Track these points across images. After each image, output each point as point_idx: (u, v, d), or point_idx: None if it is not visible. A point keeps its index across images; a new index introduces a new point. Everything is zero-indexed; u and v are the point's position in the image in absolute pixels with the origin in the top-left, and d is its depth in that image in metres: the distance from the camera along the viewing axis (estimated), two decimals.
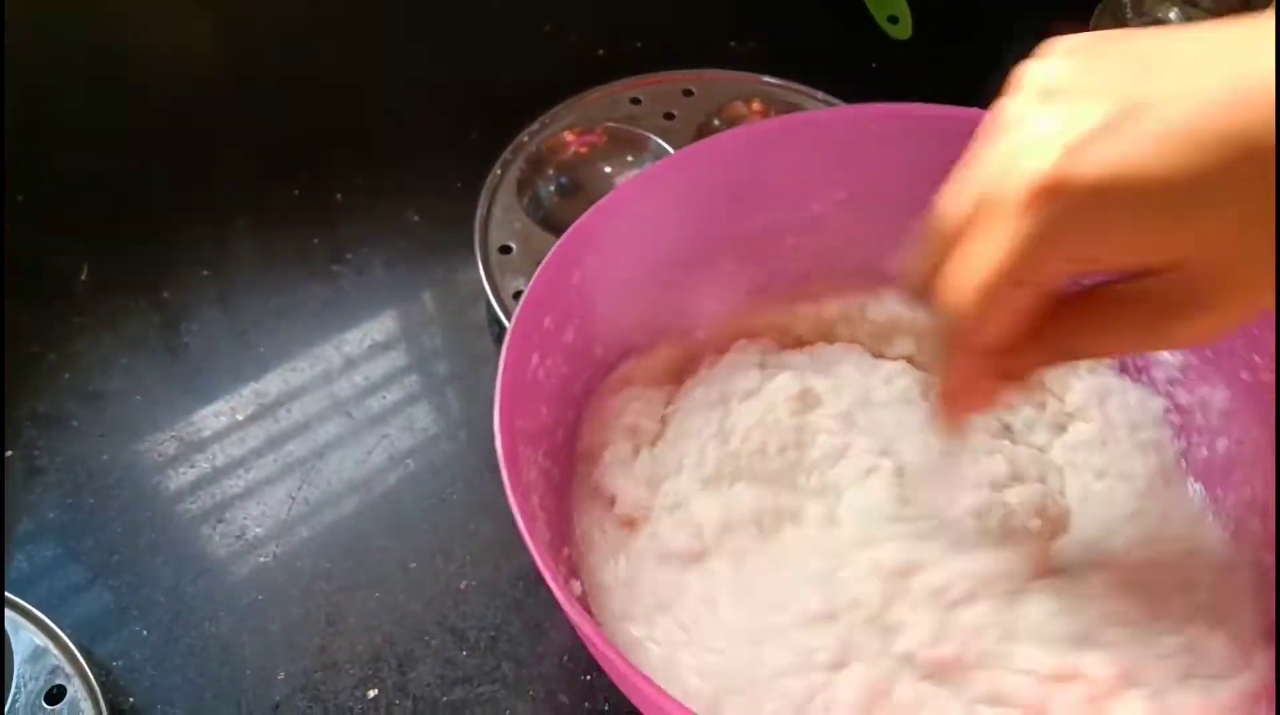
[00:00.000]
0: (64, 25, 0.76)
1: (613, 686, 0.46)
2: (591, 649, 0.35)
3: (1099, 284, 0.30)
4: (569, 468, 0.47)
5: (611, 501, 0.46)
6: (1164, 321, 0.28)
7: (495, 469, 0.53)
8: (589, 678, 0.46)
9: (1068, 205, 0.26)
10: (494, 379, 0.57)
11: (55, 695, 0.43)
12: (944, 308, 0.31)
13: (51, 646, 0.44)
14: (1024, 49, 0.35)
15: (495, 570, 0.50)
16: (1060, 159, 0.26)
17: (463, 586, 0.49)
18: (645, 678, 0.31)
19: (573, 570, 0.44)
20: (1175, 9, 0.77)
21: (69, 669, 0.44)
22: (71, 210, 0.64)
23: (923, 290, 0.32)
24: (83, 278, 0.61)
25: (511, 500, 0.36)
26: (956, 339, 0.32)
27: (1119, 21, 0.76)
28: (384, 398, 0.56)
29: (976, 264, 0.29)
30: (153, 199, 0.65)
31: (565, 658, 0.47)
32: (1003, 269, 0.28)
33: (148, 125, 0.70)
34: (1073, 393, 0.48)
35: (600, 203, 0.44)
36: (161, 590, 0.49)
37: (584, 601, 0.42)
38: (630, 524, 0.46)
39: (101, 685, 0.44)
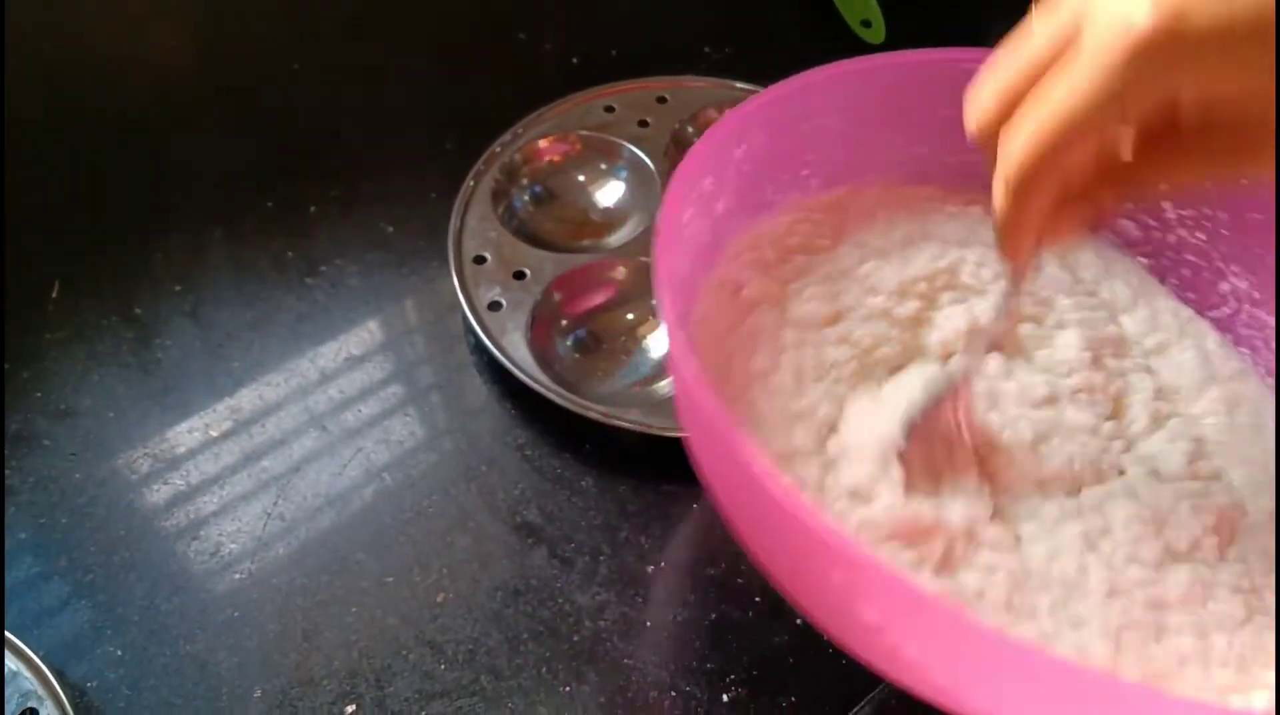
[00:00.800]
0: (32, 39, 0.75)
1: (592, 698, 0.46)
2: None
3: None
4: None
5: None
6: (1227, 154, 0.32)
7: (472, 480, 0.53)
8: (568, 689, 0.46)
9: (1172, 53, 0.28)
10: (471, 389, 0.57)
11: None
12: (1029, 141, 0.31)
13: (24, 669, 0.44)
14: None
15: (473, 583, 0.50)
16: (1162, 9, 0.27)
17: (440, 600, 0.49)
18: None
19: None
20: None
21: (41, 691, 0.43)
22: (42, 225, 0.64)
23: (995, 122, 0.33)
24: (54, 294, 0.60)
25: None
26: (1035, 172, 0.32)
27: None
28: (359, 411, 0.56)
29: (1066, 100, 0.30)
30: (124, 213, 0.65)
31: (544, 669, 0.47)
32: (1097, 103, 0.29)
33: (119, 138, 0.69)
34: None
35: (774, 88, 0.43)
36: (136, 609, 0.48)
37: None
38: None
39: (75, 707, 0.44)
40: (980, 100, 0.33)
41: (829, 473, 0.40)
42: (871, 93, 0.45)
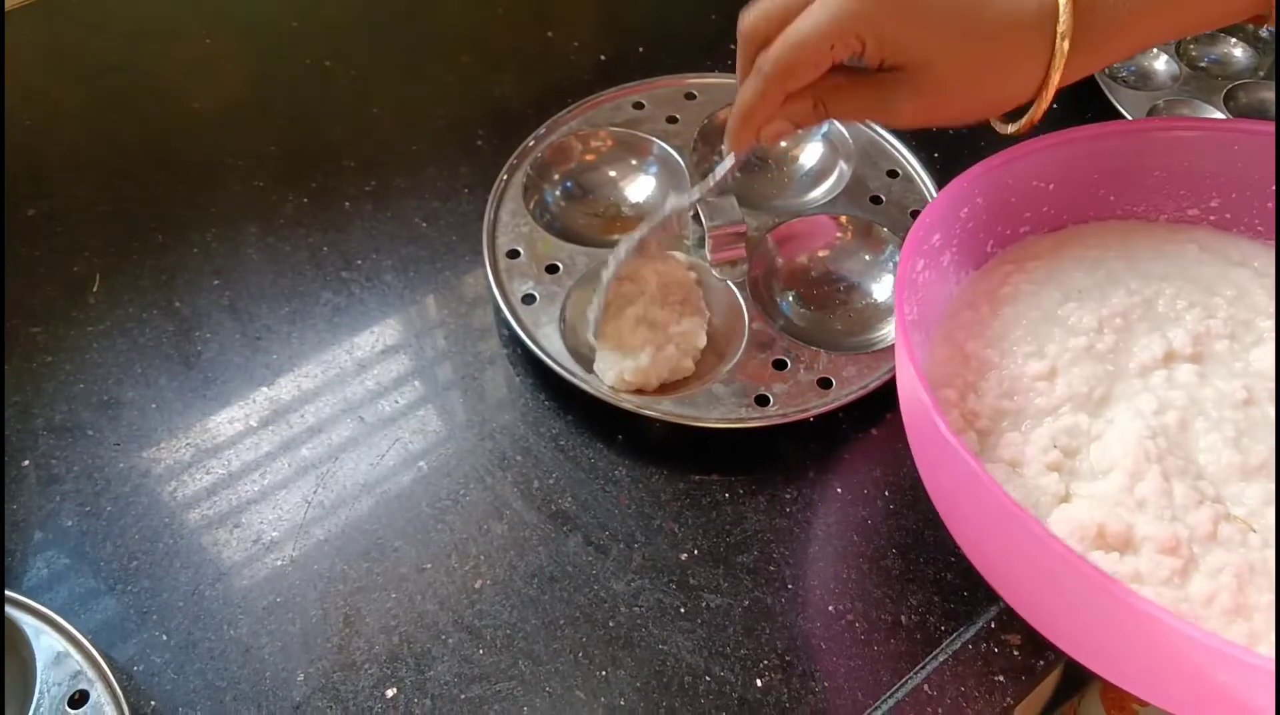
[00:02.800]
0: (71, 38, 0.76)
1: (628, 683, 0.46)
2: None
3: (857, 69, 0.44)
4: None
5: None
6: (890, 99, 0.44)
7: (507, 469, 0.54)
8: (604, 673, 0.47)
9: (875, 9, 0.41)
10: (506, 381, 0.58)
11: (78, 700, 0.44)
12: (784, 50, 0.43)
13: (73, 651, 0.45)
14: None
15: (509, 569, 0.50)
16: None
17: (478, 586, 0.50)
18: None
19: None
20: None
21: (91, 674, 0.44)
22: (84, 222, 0.65)
23: (759, 33, 0.45)
24: (95, 288, 0.62)
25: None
26: (782, 72, 0.44)
27: None
28: (395, 401, 0.57)
29: (809, 27, 0.42)
30: (163, 209, 0.66)
31: (580, 654, 0.48)
32: (824, 32, 0.42)
33: (157, 136, 0.71)
34: None
35: (992, 159, 0.49)
36: (180, 595, 0.49)
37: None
38: None
39: (124, 689, 0.44)
40: (753, 14, 0.45)
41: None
42: (1077, 157, 0.51)
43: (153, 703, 0.46)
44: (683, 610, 0.49)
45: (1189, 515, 0.41)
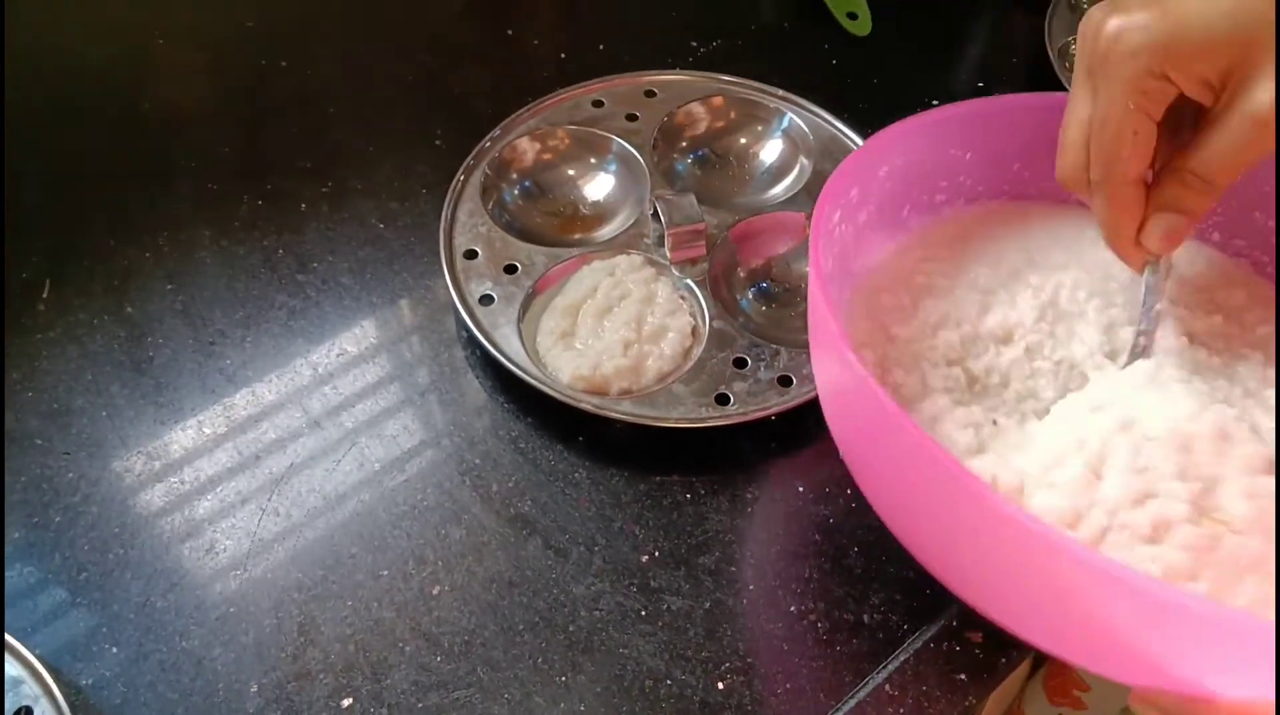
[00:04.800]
0: (21, 39, 0.75)
1: (588, 688, 0.46)
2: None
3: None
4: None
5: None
6: (1246, 108, 0.37)
7: (466, 473, 0.53)
8: (564, 679, 0.46)
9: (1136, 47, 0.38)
10: (465, 384, 0.57)
11: None
12: (1094, 151, 0.41)
13: (18, 667, 0.44)
14: (981, 43, 0.36)
15: (468, 575, 0.50)
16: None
17: (435, 592, 0.49)
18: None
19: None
20: None
21: (36, 689, 0.43)
22: (33, 226, 0.64)
23: (1081, 174, 0.42)
24: (45, 293, 0.60)
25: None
26: (1110, 180, 0.41)
27: (1075, 13, 0.77)
28: (352, 406, 0.56)
29: (1099, 111, 0.40)
30: (114, 212, 0.65)
31: (540, 660, 0.47)
32: (1114, 99, 0.39)
33: (109, 138, 0.69)
34: None
35: (912, 119, 0.48)
36: (131, 606, 0.48)
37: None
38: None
39: (71, 705, 0.44)
40: (1062, 162, 0.43)
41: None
42: (996, 128, 0.50)
43: None
44: (643, 613, 0.49)
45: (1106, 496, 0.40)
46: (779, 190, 0.65)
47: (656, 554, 0.51)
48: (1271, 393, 0.44)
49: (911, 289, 0.49)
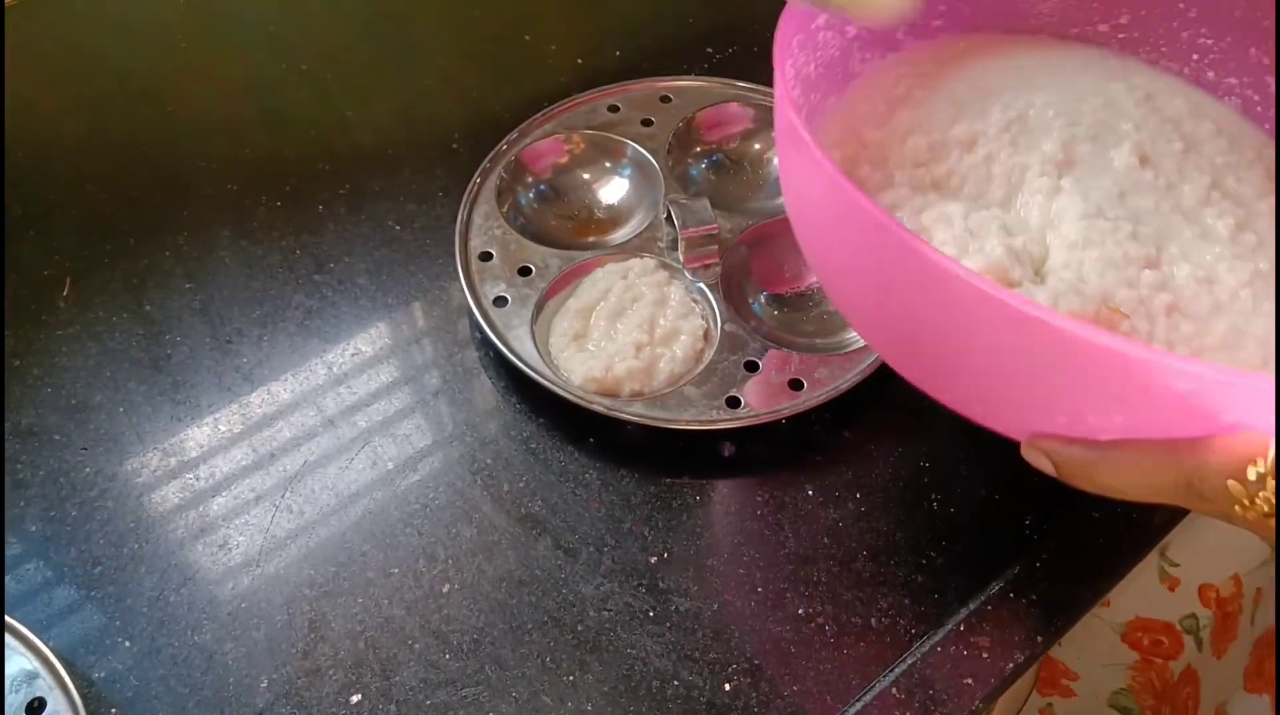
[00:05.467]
0: (43, 41, 0.76)
1: (595, 687, 0.46)
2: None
3: None
4: None
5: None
6: None
7: (477, 473, 0.54)
8: (571, 678, 0.47)
9: None
10: (478, 384, 0.58)
11: (36, 708, 0.43)
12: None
13: (33, 659, 0.45)
14: None
15: (478, 573, 0.50)
16: None
17: (445, 590, 0.49)
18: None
19: None
20: None
21: (50, 681, 0.44)
22: (55, 225, 0.65)
23: None
24: (65, 292, 0.61)
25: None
26: None
27: None
28: (366, 405, 0.57)
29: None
30: (135, 211, 0.65)
31: (548, 659, 0.47)
32: None
33: (131, 139, 0.70)
34: None
35: None
36: (144, 600, 0.49)
37: None
38: None
39: (84, 697, 0.44)
40: None
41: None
42: None
43: (113, 710, 0.45)
44: (652, 614, 0.49)
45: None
46: None
47: (665, 555, 0.51)
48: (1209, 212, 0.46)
49: (890, 99, 0.49)
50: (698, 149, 0.68)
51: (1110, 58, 0.53)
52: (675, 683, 0.47)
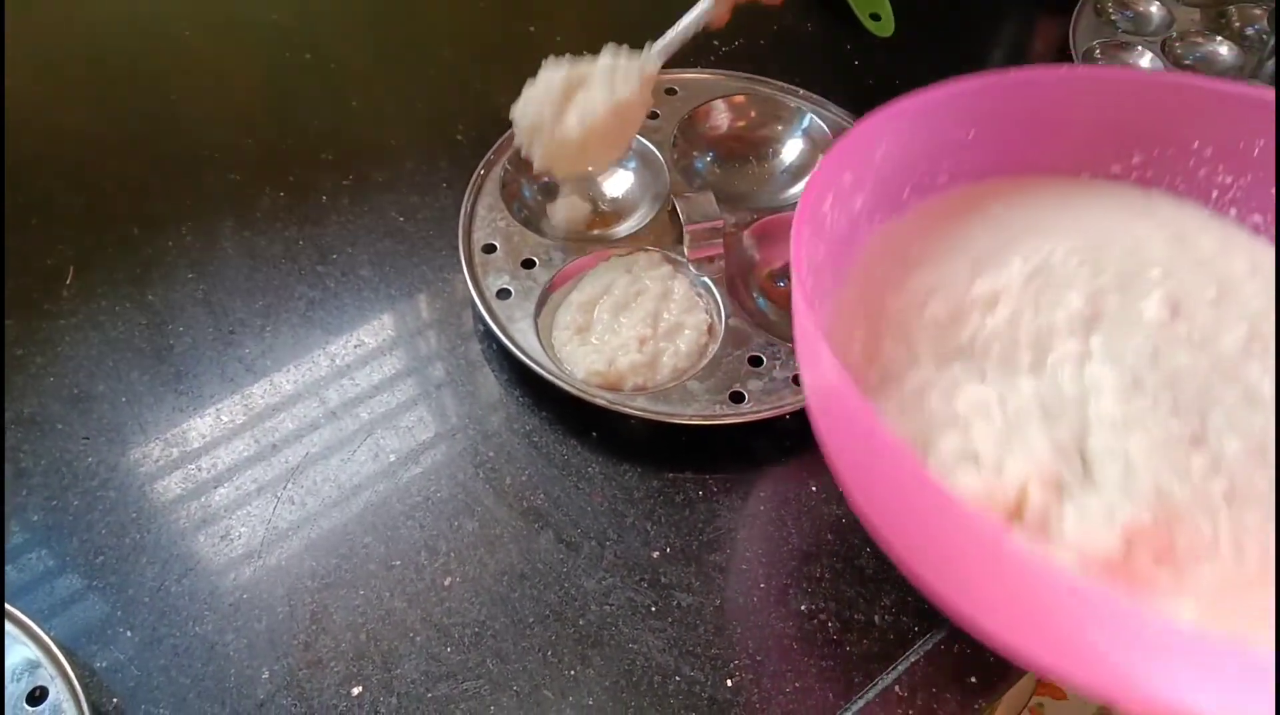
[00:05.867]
0: (48, 31, 0.76)
1: (597, 682, 0.46)
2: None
3: None
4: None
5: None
6: None
7: (480, 466, 0.54)
8: (573, 672, 0.47)
9: None
10: (480, 377, 0.57)
11: (37, 697, 0.43)
12: None
13: (34, 648, 0.44)
14: (1005, 46, 0.35)
15: (480, 567, 0.50)
16: None
17: (447, 583, 0.49)
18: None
19: None
20: (1156, 2, 0.77)
21: (51, 670, 0.44)
22: (58, 213, 0.64)
23: None
24: (68, 280, 0.61)
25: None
26: None
27: (1100, 17, 0.76)
28: (368, 396, 0.56)
29: None
30: (138, 201, 0.65)
31: (549, 653, 0.47)
32: None
33: (134, 129, 0.70)
34: None
35: (908, 97, 0.46)
36: (146, 591, 0.49)
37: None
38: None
39: (85, 686, 0.44)
40: None
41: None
42: (999, 102, 0.48)
43: (114, 700, 0.45)
44: (654, 609, 0.49)
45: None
46: (798, 190, 0.65)
47: (668, 550, 0.51)
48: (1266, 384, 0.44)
49: (905, 262, 0.48)
50: (703, 142, 0.68)
51: (1131, 192, 0.51)
52: (677, 678, 0.47)
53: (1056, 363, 0.44)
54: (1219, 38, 0.75)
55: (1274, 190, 0.48)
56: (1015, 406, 0.42)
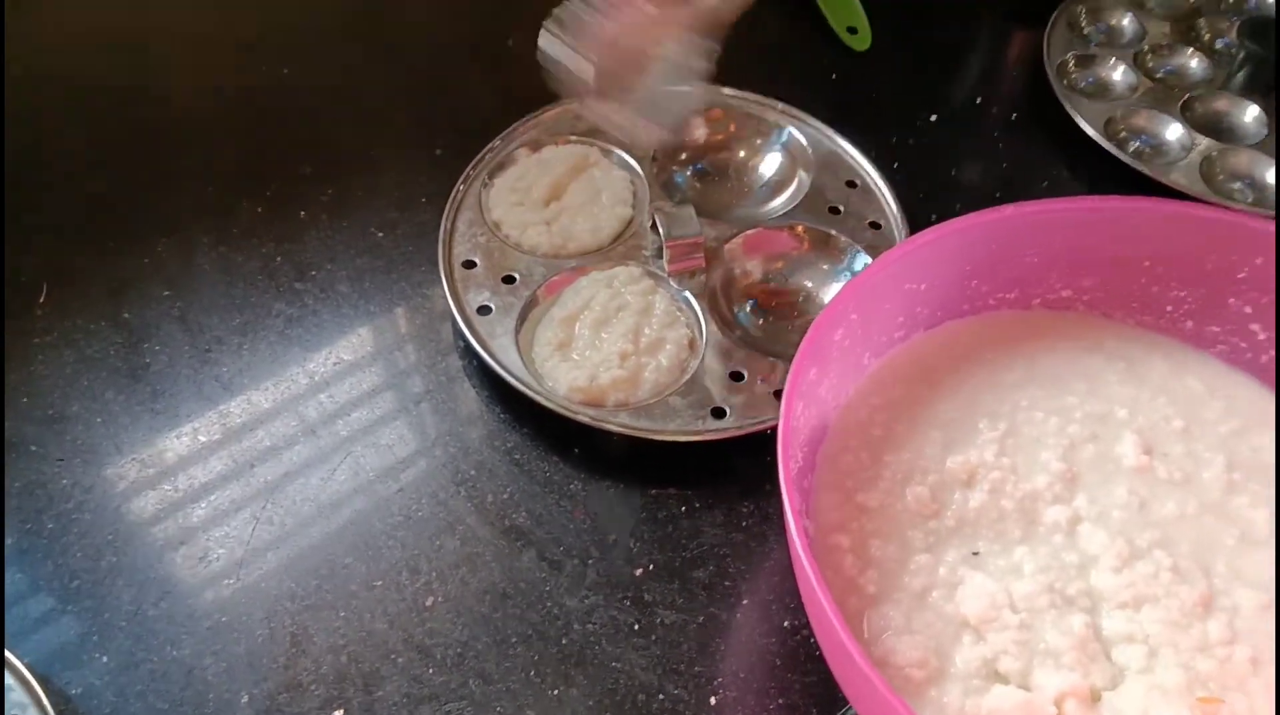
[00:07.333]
0: (22, 47, 0.75)
1: (581, 702, 0.46)
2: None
3: None
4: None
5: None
6: None
7: (461, 484, 0.53)
8: (556, 692, 0.46)
9: None
10: (461, 394, 0.57)
11: None
12: None
13: (7, 676, 0.44)
14: (980, 59, 0.35)
15: (462, 586, 0.50)
16: None
17: (429, 603, 0.49)
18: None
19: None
20: (1129, 15, 0.78)
21: (25, 698, 0.43)
22: (32, 230, 0.64)
23: None
24: (41, 298, 0.60)
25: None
26: None
27: (1073, 30, 0.77)
28: (348, 415, 0.56)
29: None
30: (113, 217, 0.65)
31: (532, 672, 0.47)
32: None
33: (107, 143, 0.69)
34: None
35: (864, 273, 0.46)
36: (122, 615, 0.48)
37: None
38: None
39: (59, 713, 0.43)
40: None
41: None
42: (946, 254, 0.48)
43: None
44: (637, 627, 0.49)
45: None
46: (778, 203, 0.65)
47: (650, 567, 0.50)
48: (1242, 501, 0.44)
49: (870, 443, 0.47)
50: (683, 156, 0.68)
51: (1080, 322, 0.51)
52: (660, 696, 0.46)
53: (1047, 532, 0.44)
54: (1190, 50, 0.76)
55: (1230, 301, 0.49)
56: (1022, 595, 0.41)
